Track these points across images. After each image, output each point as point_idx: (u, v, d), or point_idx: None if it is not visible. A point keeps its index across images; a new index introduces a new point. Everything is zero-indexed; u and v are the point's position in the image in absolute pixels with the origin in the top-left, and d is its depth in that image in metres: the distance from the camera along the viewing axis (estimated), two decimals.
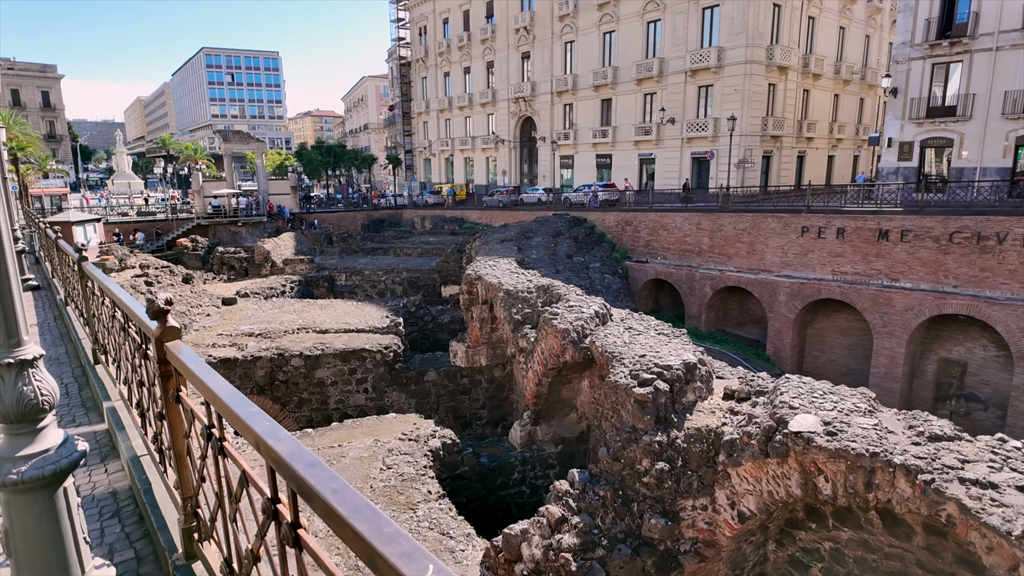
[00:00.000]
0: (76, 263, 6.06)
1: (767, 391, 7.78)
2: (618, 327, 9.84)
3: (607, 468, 7.20)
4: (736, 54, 40.29)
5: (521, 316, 12.39)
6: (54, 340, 8.41)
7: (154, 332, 2.66)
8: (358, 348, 16.19)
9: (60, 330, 8.98)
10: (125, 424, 4.57)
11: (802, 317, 26.73)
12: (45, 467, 2.32)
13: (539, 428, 11.64)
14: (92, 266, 5.47)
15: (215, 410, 2.08)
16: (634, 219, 34.32)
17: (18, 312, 2.25)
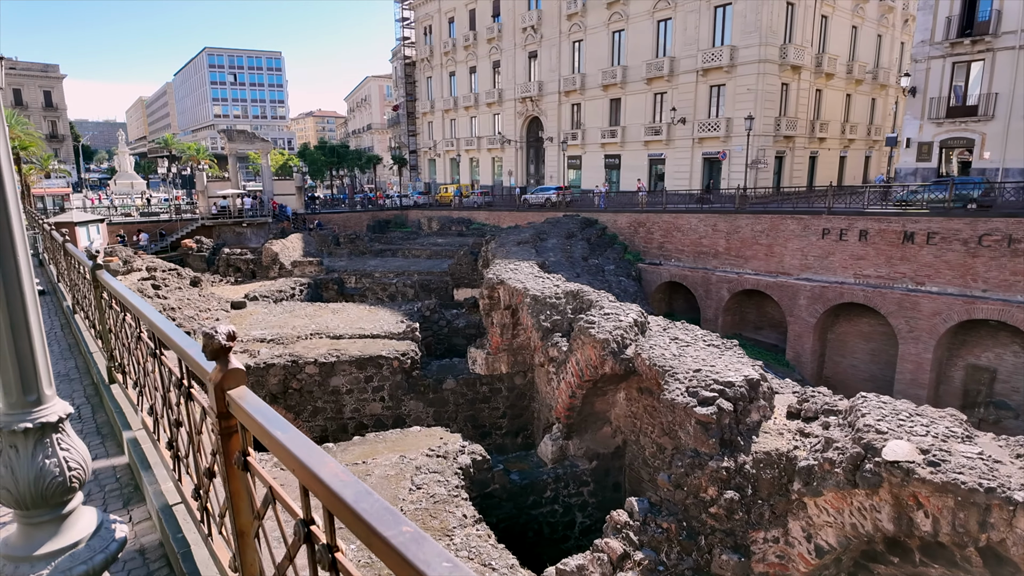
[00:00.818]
0: (90, 272, 5.44)
1: (837, 410, 7.15)
2: (662, 337, 9.22)
3: (668, 496, 6.58)
4: (749, 53, 39.66)
5: (550, 323, 11.77)
6: (62, 352, 7.80)
7: (211, 376, 2.04)
8: (374, 355, 15.57)
9: (68, 340, 8.37)
10: (151, 462, 3.95)
11: (823, 321, 26.08)
12: (74, 569, 1.70)
13: (571, 443, 11.01)
14: (112, 278, 4.85)
15: (322, 503, 1.46)
16: (647, 220, 33.70)
17: (39, 360, 1.64)
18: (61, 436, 1.76)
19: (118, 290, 4.22)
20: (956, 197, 24.36)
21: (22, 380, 1.63)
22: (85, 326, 7.96)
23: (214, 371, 2.05)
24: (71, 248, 7.95)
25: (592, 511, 10.81)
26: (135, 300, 3.68)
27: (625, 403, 10.75)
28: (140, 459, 4.06)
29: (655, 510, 6.54)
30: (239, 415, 1.97)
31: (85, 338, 7.55)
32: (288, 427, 1.80)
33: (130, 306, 3.70)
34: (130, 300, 3.67)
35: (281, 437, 1.69)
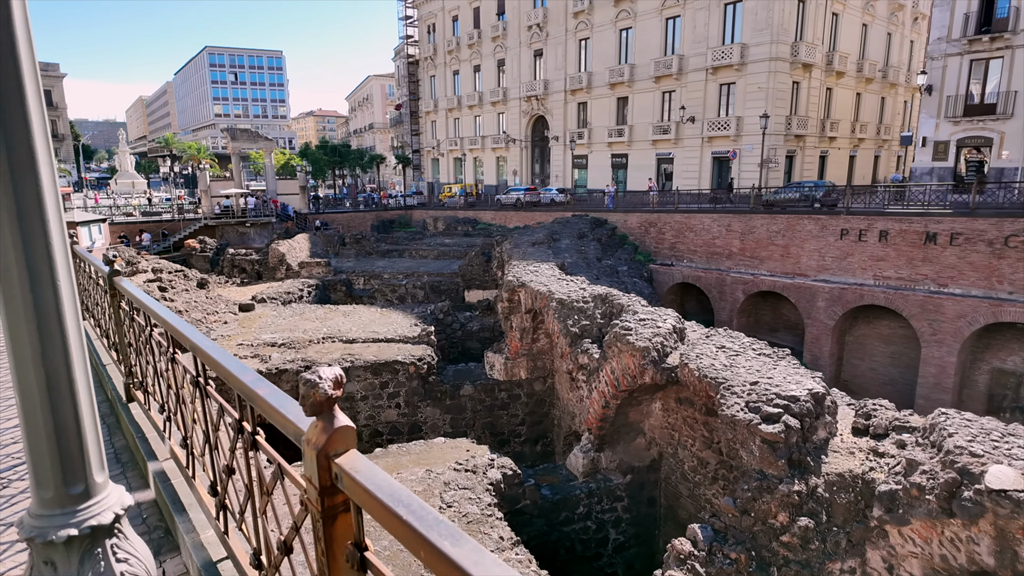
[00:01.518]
0: (106, 278, 4.89)
1: (910, 427, 6.60)
2: (707, 345, 8.67)
3: (734, 523, 6.04)
4: (760, 51, 39.13)
5: (579, 329, 11.22)
6: None
7: (311, 437, 1.50)
8: (390, 360, 15.03)
9: None
10: (185, 503, 3.40)
11: (841, 324, 25.55)
12: None
13: (603, 455, 10.47)
14: (135, 287, 4.31)
15: None
16: (658, 220, 33.16)
17: (87, 434, 1.10)
18: (118, 541, 1.24)
19: (145, 302, 3.67)
20: (802, 197, 29.69)
21: (62, 464, 1.10)
22: (95, 334, 7.42)
23: (313, 429, 1.51)
24: (81, 252, 7.40)
25: (626, 527, 10.28)
26: (169, 316, 3.14)
27: (661, 414, 10.21)
28: (171, 498, 3.51)
29: (721, 538, 6.00)
30: (353, 492, 1.43)
31: (95, 347, 7.01)
32: (427, 510, 1.26)
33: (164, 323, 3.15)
34: (164, 317, 3.12)
35: (428, 532, 1.15)
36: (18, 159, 0.91)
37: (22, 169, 0.97)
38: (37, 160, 0.94)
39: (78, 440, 1.11)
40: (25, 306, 0.99)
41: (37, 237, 1.02)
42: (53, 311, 1.07)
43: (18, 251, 0.99)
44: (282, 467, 1.88)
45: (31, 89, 0.84)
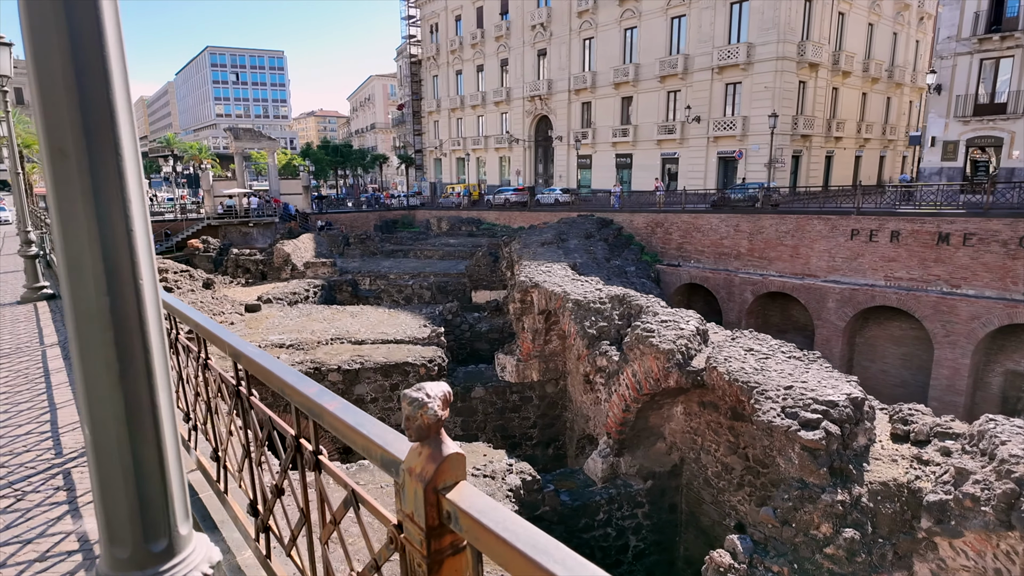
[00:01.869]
0: None
1: (953, 433, 6.36)
2: (734, 348, 8.43)
3: (774, 534, 5.79)
4: (767, 50, 38.90)
5: (596, 330, 10.98)
6: None
7: (416, 467, 1.26)
8: (400, 362, 14.79)
9: None
10: (216, 520, 3.16)
11: (852, 325, 25.30)
12: None
13: (623, 460, 10.23)
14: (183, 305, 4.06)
15: None
16: (665, 220, 32.92)
17: (172, 481, 0.87)
18: None
19: (172, 303, 3.43)
20: (747, 198, 32.27)
21: (142, 516, 0.86)
22: None
23: (416, 456, 1.27)
24: None
25: (646, 534, 10.03)
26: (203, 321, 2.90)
27: (683, 418, 9.96)
28: (200, 513, 3.27)
29: (761, 550, 5.76)
30: (473, 534, 1.18)
31: None
32: (560, 548, 1.03)
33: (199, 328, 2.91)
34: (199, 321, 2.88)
35: None
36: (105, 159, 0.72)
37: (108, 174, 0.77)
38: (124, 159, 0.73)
39: (162, 485, 0.87)
40: (101, 314, 0.76)
41: (119, 236, 0.79)
42: (136, 322, 0.83)
43: (94, 250, 0.76)
44: (358, 495, 1.64)
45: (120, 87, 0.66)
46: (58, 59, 0.68)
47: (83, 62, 0.71)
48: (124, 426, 0.80)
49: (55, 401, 5.81)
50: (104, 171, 0.75)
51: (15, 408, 5.67)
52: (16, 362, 7.26)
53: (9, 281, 14.29)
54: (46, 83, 0.70)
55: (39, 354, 7.57)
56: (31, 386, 6.33)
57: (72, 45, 0.67)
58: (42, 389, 6.21)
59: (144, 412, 0.82)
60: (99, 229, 0.77)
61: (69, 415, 5.46)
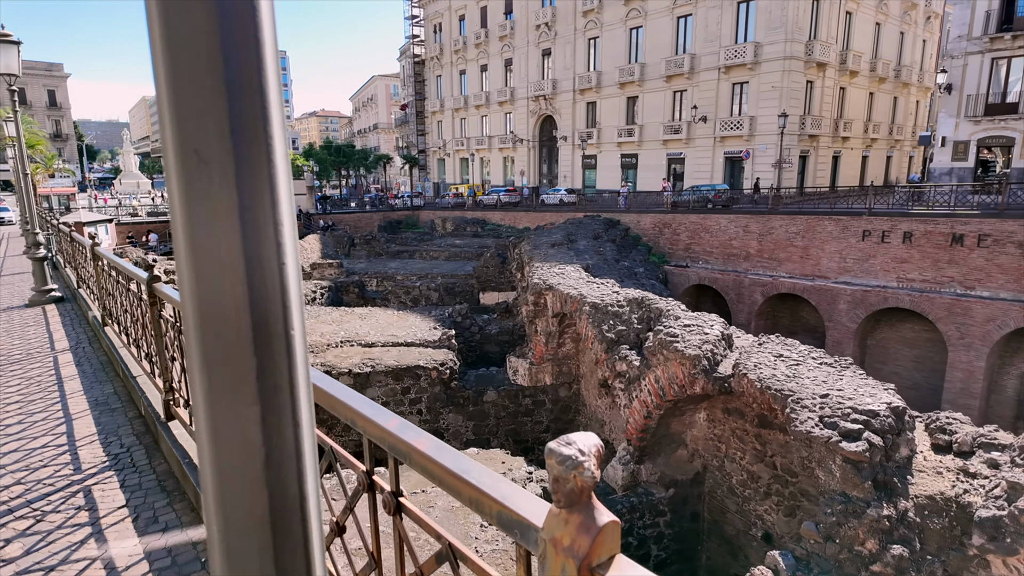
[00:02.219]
0: (146, 285, 4.44)
1: (999, 444, 6.13)
2: (762, 354, 8.20)
3: (817, 550, 5.57)
4: (774, 50, 38.65)
5: (614, 334, 10.76)
6: (95, 372, 6.81)
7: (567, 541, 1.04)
8: (412, 365, 14.59)
9: (100, 358, 7.37)
10: None
11: (863, 327, 25.05)
12: None
13: (644, 467, 10.01)
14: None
15: None
16: (672, 221, 32.69)
17: (313, 541, 0.63)
18: None
19: None
20: (699, 199, 34.33)
21: None
22: (121, 342, 6.97)
23: (561, 525, 1.06)
24: (104, 253, 6.96)
25: (668, 543, 9.81)
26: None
27: (706, 424, 9.74)
28: None
29: (804, 567, 5.53)
30: None
31: (122, 357, 6.56)
32: None
33: None
34: None
35: None
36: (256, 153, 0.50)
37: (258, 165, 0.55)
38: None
39: (303, 549, 0.64)
40: (240, 344, 0.55)
41: (268, 257, 0.56)
42: (284, 364, 0.61)
43: (235, 271, 0.54)
44: (456, 550, 1.42)
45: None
46: (202, 43, 0.49)
47: (232, 41, 0.49)
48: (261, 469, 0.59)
49: (70, 411, 5.61)
50: (253, 179, 0.54)
51: (30, 419, 5.47)
52: (28, 368, 7.06)
53: (16, 283, 14.09)
54: (183, 68, 0.48)
55: (50, 360, 7.37)
56: (44, 394, 6.13)
57: (221, 24, 0.50)
58: (56, 398, 6.01)
59: (287, 445, 0.60)
60: (244, 249, 0.55)
61: (85, 427, 5.25)
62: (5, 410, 5.69)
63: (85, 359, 7.32)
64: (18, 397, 6.07)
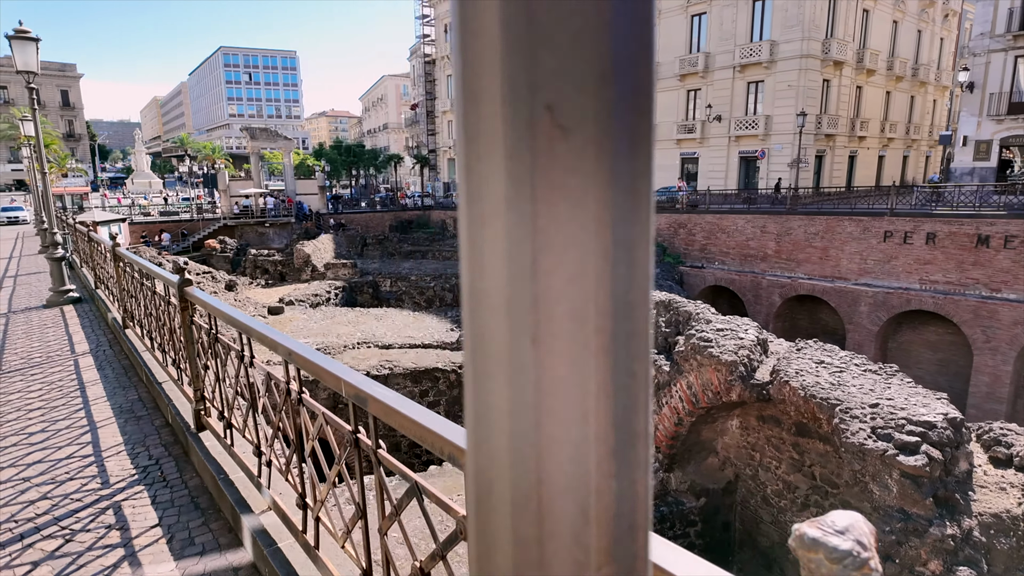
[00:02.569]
0: (176, 288, 4.22)
1: None
2: (802, 360, 7.90)
3: None
4: (791, 48, 38.17)
5: None
6: (118, 377, 6.61)
7: None
8: (430, 367, 14.36)
9: (121, 362, 7.19)
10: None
11: (884, 329, 24.60)
12: None
13: (673, 476, 9.72)
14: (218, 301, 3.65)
15: None
16: (688, 221, 32.32)
17: None
18: None
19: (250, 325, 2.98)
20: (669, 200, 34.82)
21: None
22: (143, 346, 6.78)
23: None
24: (127, 255, 6.77)
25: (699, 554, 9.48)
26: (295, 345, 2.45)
27: (739, 432, 9.44)
28: (284, 569, 2.81)
29: None
30: None
31: (146, 362, 6.36)
32: None
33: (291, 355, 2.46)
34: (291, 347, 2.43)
35: None
36: None
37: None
38: None
39: None
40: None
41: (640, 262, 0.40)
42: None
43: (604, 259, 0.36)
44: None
45: None
46: None
47: None
48: None
49: (94, 419, 5.41)
50: (633, 159, 0.32)
51: (53, 427, 5.27)
52: (48, 372, 6.88)
53: (32, 283, 13.99)
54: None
55: (71, 363, 7.18)
56: (66, 400, 5.94)
57: None
58: (79, 404, 5.81)
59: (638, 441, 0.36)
60: (612, 235, 0.33)
61: (111, 436, 5.04)
62: (28, 416, 5.50)
63: (107, 362, 7.13)
64: (40, 404, 5.87)
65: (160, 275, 4.75)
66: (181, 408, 4.95)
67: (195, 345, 4.26)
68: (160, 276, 4.76)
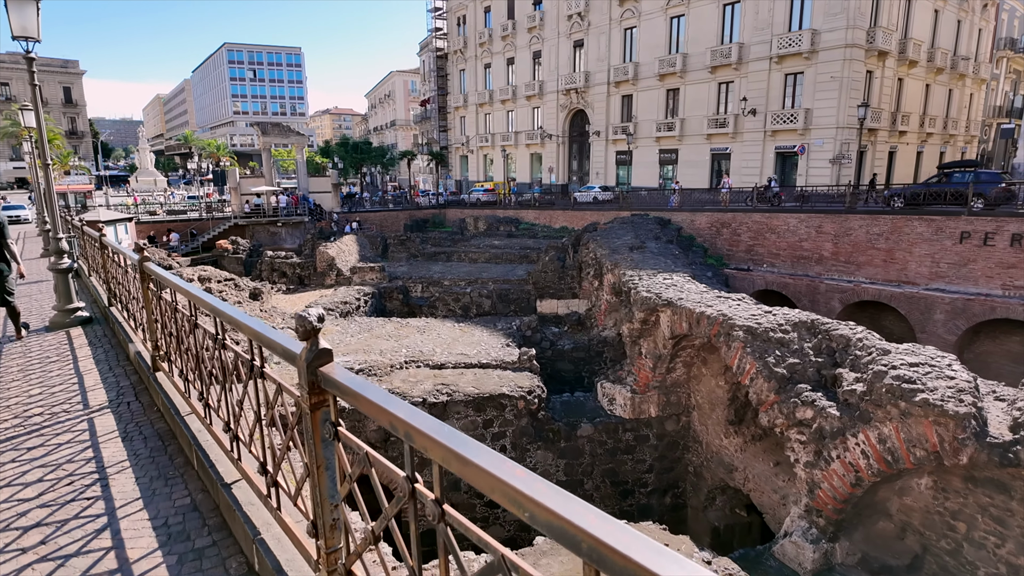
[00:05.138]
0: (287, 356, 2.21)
1: None
2: None
3: None
4: (834, 37, 36.07)
5: (786, 369, 8.45)
6: (154, 456, 4.57)
7: None
8: (495, 393, 12.35)
9: (156, 427, 5.17)
10: None
11: (961, 339, 22.54)
12: None
13: (838, 546, 7.70)
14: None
15: None
16: (732, 220, 30.28)
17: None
18: None
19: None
20: None
21: None
22: (187, 405, 4.76)
23: None
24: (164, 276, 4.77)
25: None
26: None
27: (931, 493, 7.43)
28: None
29: None
30: None
31: (196, 435, 4.34)
32: None
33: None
34: None
35: None
36: None
37: None
38: None
39: None
40: None
41: None
42: None
43: None
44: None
45: None
46: None
47: None
48: None
49: (127, 551, 3.38)
50: None
51: (59, 554, 3.24)
52: (52, 441, 4.86)
53: (33, 296, 11.98)
54: None
55: (84, 426, 5.16)
56: (81, 504, 3.90)
57: None
58: (100, 511, 3.78)
59: None
60: None
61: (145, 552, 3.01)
62: (20, 542, 3.48)
63: (134, 426, 5.11)
64: (39, 509, 3.85)
65: (242, 326, 2.74)
66: (220, 466, 2.93)
67: (314, 449, 2.23)
68: (240, 327, 2.75)
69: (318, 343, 2.20)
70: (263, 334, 2.54)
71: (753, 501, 10.56)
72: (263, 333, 2.54)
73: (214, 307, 3.11)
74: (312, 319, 2.18)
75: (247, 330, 2.73)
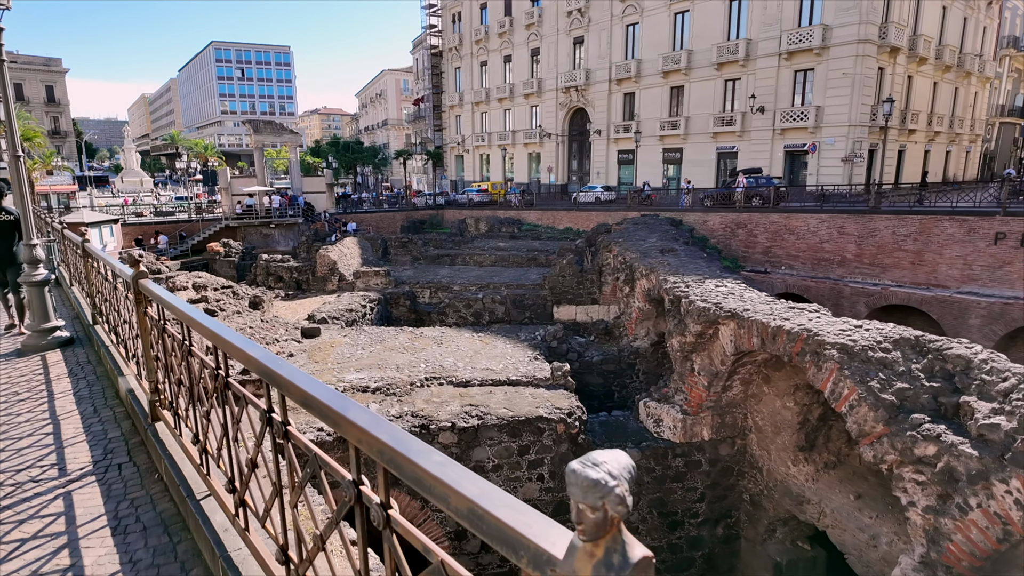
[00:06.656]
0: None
1: None
2: None
3: None
4: (846, 32, 35.16)
5: (895, 396, 7.22)
6: (161, 551, 3.28)
7: None
8: (531, 416, 11.02)
9: (159, 508, 3.83)
10: None
11: (998, 346, 21.53)
12: None
13: None
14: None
15: None
16: (748, 221, 29.18)
17: None
18: None
19: None
20: None
21: None
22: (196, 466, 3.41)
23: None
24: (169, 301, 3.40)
25: None
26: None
27: None
28: None
29: None
30: None
31: (215, 527, 3.00)
32: None
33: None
34: None
35: None
36: None
37: None
38: None
39: None
40: None
41: None
42: None
43: None
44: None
45: None
46: None
47: None
48: None
49: None
50: None
51: None
52: (6, 539, 3.48)
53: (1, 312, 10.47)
54: None
55: (59, 504, 3.78)
56: None
57: None
58: None
59: None
60: None
61: None
62: None
63: (129, 511, 3.72)
64: None
65: (333, 414, 1.41)
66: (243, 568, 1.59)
67: None
68: (328, 414, 1.42)
69: None
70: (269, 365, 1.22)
71: (832, 539, 9.33)
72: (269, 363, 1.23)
73: (269, 370, 1.79)
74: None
75: (346, 424, 1.42)
